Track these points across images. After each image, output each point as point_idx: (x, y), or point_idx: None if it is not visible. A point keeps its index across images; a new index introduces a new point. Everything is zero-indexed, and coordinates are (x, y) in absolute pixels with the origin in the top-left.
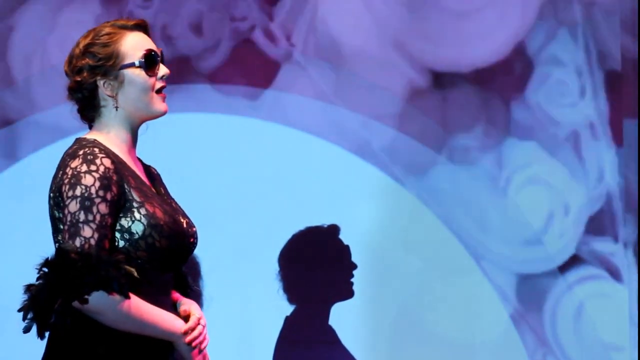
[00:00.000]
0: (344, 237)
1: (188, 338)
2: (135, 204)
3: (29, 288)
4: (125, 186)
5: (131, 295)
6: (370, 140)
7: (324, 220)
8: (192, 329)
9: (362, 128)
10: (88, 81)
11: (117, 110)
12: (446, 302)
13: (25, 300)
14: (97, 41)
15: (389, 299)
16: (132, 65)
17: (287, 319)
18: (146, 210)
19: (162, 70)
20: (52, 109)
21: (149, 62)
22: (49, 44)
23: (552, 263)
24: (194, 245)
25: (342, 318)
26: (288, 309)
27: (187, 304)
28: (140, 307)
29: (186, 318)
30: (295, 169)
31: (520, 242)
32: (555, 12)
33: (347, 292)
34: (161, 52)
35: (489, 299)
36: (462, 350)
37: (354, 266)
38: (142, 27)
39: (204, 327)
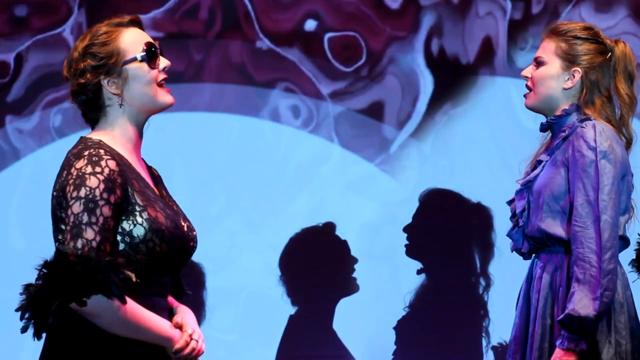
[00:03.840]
0: (342, 234)
1: (177, 357)
2: (137, 208)
3: (27, 288)
4: (129, 189)
5: (128, 300)
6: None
7: (321, 219)
8: (183, 348)
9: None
10: (92, 82)
11: (123, 107)
12: (450, 304)
13: (23, 300)
14: (96, 41)
15: (391, 297)
16: (134, 60)
17: (290, 318)
18: (148, 214)
19: (163, 62)
20: None
21: (150, 54)
22: None
23: None
24: (193, 249)
25: (344, 317)
26: (291, 309)
27: (181, 314)
28: (136, 312)
29: (180, 329)
30: (294, 168)
31: None
32: None
33: (351, 288)
34: (159, 45)
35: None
36: (468, 351)
37: (355, 260)
38: (136, 22)
39: (197, 341)
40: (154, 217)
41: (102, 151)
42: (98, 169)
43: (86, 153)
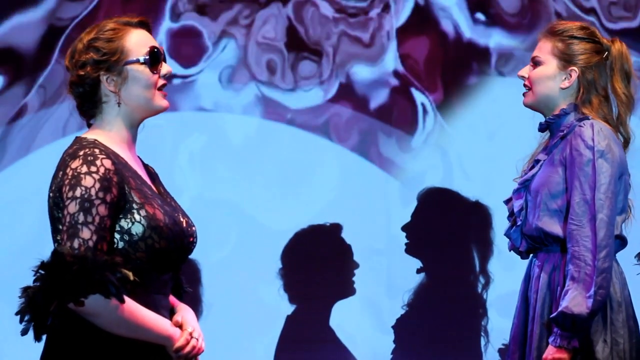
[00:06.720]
0: (347, 236)
1: (177, 355)
2: (135, 206)
3: (25, 290)
4: (126, 187)
5: (127, 299)
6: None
7: (327, 219)
8: (183, 347)
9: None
10: (91, 76)
11: (119, 106)
12: (449, 302)
13: (22, 303)
14: (102, 36)
15: (390, 299)
16: (136, 61)
17: (288, 318)
18: (146, 211)
19: (165, 68)
20: None
21: (153, 59)
22: None
23: None
24: (193, 244)
25: (343, 317)
26: (289, 308)
27: (180, 313)
28: (135, 311)
29: (180, 328)
30: (298, 168)
31: None
32: None
33: (348, 291)
34: (163, 51)
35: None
36: (466, 349)
37: (356, 265)
38: (145, 24)
39: (197, 339)
40: (152, 214)
41: (97, 150)
42: (93, 169)
43: (81, 153)
